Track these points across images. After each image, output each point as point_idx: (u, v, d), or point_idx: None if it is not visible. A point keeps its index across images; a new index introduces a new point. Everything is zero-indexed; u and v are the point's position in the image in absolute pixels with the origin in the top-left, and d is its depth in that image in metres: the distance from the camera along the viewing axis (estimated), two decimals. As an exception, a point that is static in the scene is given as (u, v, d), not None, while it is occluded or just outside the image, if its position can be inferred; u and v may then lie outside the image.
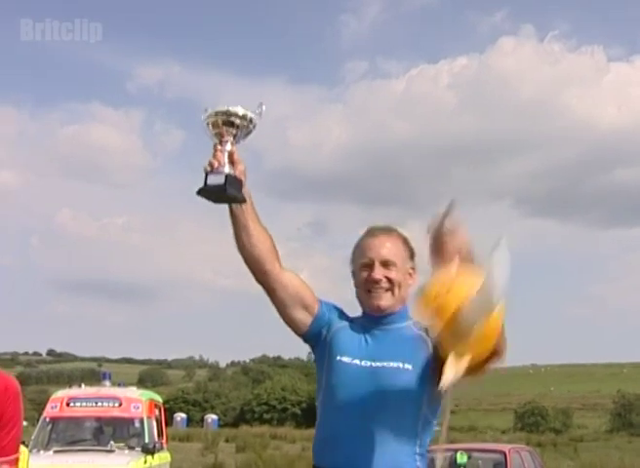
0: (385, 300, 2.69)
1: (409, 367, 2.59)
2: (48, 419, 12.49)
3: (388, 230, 2.79)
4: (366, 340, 2.70)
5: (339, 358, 2.66)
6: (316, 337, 2.74)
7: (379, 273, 2.68)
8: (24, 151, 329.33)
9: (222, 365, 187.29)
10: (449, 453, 11.31)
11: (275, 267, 2.67)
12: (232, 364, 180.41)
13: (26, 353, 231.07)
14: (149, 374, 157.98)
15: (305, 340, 2.77)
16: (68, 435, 12.60)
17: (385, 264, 2.69)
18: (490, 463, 11.23)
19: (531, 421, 77.79)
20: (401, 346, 2.65)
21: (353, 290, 2.81)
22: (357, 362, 2.63)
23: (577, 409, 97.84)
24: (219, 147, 2.57)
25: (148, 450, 11.95)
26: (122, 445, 12.12)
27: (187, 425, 63.85)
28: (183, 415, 67.86)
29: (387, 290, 2.68)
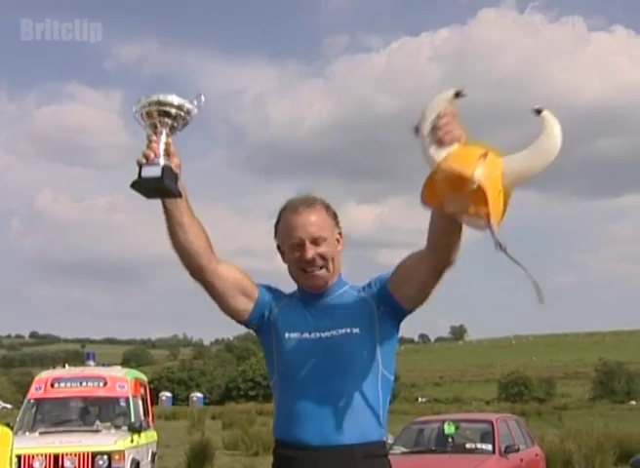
0: (321, 278, 2.64)
1: (356, 330, 2.57)
2: (32, 401, 12.41)
3: (310, 203, 2.69)
4: (310, 313, 2.66)
5: (287, 335, 2.62)
6: (259, 321, 2.69)
7: (311, 252, 2.61)
8: (2, 133, 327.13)
9: (207, 343, 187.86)
10: (436, 424, 11.33)
11: (212, 261, 2.58)
12: (216, 341, 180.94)
13: (9, 336, 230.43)
14: (134, 354, 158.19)
15: (248, 326, 2.71)
16: (54, 416, 12.53)
17: (315, 241, 2.62)
18: (477, 433, 11.26)
19: (515, 391, 78.59)
20: (345, 312, 2.62)
21: (282, 264, 2.75)
22: (306, 335, 2.60)
23: (560, 378, 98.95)
24: (153, 138, 2.42)
25: (135, 429, 11.90)
26: (108, 424, 12.08)
27: (173, 404, 64.01)
28: (169, 394, 68.07)
29: (322, 267, 2.63)
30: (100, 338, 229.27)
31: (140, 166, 2.39)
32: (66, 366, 14.14)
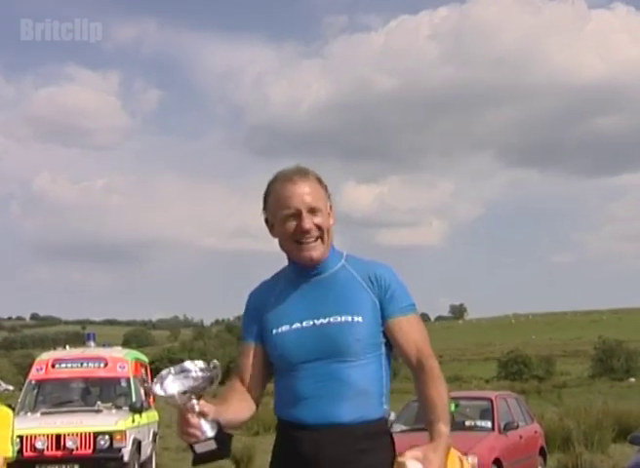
0: (318, 250, 2.57)
1: (359, 319, 2.53)
2: (34, 382, 12.47)
3: (303, 173, 2.63)
4: (303, 297, 2.61)
5: (274, 331, 2.59)
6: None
7: (308, 222, 2.55)
8: (0, 115, 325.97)
9: (207, 323, 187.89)
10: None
11: (254, 404, 2.68)
12: (217, 322, 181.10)
13: (10, 318, 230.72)
14: (134, 335, 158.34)
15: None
16: (55, 397, 12.59)
17: (312, 211, 2.56)
18: (477, 410, 11.31)
19: (514, 370, 78.74)
20: (344, 297, 2.57)
21: (272, 239, 2.69)
22: (298, 325, 2.56)
23: (559, 356, 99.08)
24: (188, 416, 2.36)
25: (136, 409, 11.96)
26: (109, 405, 12.14)
27: (174, 384, 64.25)
28: (170, 375, 68.28)
29: (317, 237, 2.57)
30: (101, 320, 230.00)
31: (192, 445, 2.38)
32: (67, 347, 14.19)
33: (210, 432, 2.38)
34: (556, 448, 14.65)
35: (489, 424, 10.82)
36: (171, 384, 2.38)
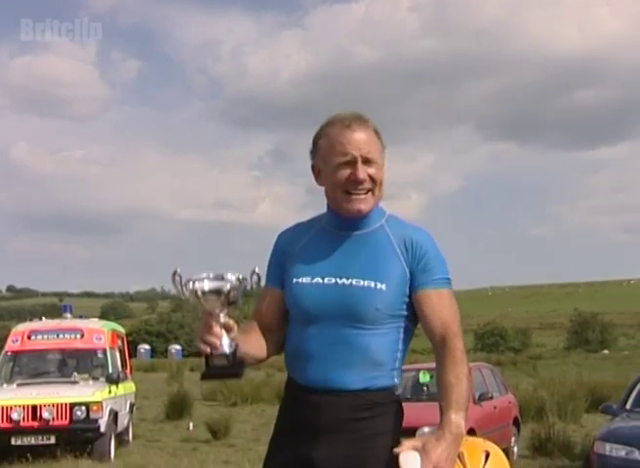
0: (367, 203, 2.43)
1: (382, 287, 2.39)
2: (9, 353, 12.43)
3: (363, 121, 2.46)
4: (332, 251, 2.49)
5: (295, 280, 2.48)
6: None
7: (363, 172, 2.39)
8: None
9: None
10: (412, 373, 11.46)
11: (269, 349, 2.56)
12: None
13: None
14: (112, 307, 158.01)
15: None
16: (31, 368, 12.57)
17: (367, 161, 2.40)
18: (452, 381, 11.40)
19: (491, 341, 79.40)
20: (374, 260, 2.43)
21: (317, 187, 2.54)
22: (319, 280, 2.44)
23: (535, 328, 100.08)
24: (212, 322, 2.29)
25: (112, 380, 11.98)
26: (86, 376, 12.14)
27: (152, 357, 64.16)
28: (147, 347, 68.17)
29: (369, 190, 2.42)
30: (79, 292, 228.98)
31: (207, 355, 2.32)
32: (43, 318, 14.15)
33: (228, 347, 2.31)
34: (530, 418, 14.84)
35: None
36: (206, 283, 2.28)
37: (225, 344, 2.31)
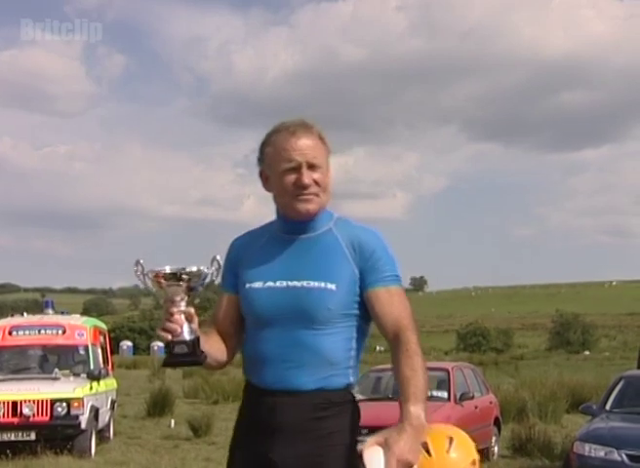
0: (314, 204, 2.49)
1: (332, 287, 2.44)
2: (-10, 349, 12.34)
3: (307, 127, 2.53)
4: (282, 255, 2.55)
5: (248, 285, 2.53)
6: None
7: (308, 177, 2.46)
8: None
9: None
10: (389, 373, 11.49)
11: (230, 354, 2.61)
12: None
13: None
14: (94, 304, 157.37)
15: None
16: (12, 364, 12.49)
17: (312, 167, 2.48)
18: (434, 381, 11.42)
19: (473, 342, 79.74)
20: (323, 262, 2.49)
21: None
22: (270, 284, 2.49)
23: (517, 329, 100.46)
24: (173, 310, 2.36)
25: (94, 377, 11.93)
26: (67, 372, 12.08)
27: (134, 353, 64.07)
28: (130, 344, 68.03)
29: (315, 194, 2.48)
30: (61, 287, 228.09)
31: (168, 343, 2.36)
32: (25, 314, 14.07)
33: (188, 335, 2.36)
34: (511, 418, 14.89)
35: (445, 394, 10.96)
36: (167, 267, 2.35)
37: (186, 331, 2.36)
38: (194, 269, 2.37)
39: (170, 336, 2.36)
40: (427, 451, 3.32)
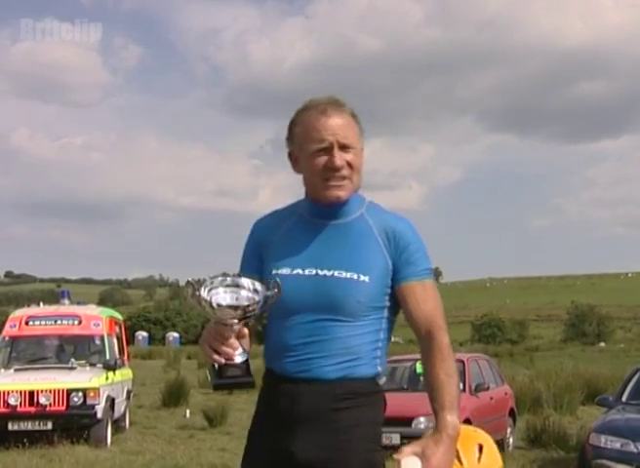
0: (345, 190, 2.36)
1: (365, 279, 2.33)
2: (7, 338, 12.43)
3: (339, 105, 2.40)
4: (312, 240, 2.42)
5: (274, 272, 2.38)
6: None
7: (340, 159, 2.32)
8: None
9: (183, 283, 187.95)
10: (409, 363, 11.49)
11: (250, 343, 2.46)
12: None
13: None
14: (110, 294, 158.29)
15: None
16: (29, 353, 12.57)
17: (344, 147, 2.34)
18: (449, 372, 11.44)
19: (488, 333, 79.63)
20: (355, 251, 2.37)
21: (294, 174, 2.47)
22: (299, 271, 2.37)
23: (532, 320, 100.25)
24: (226, 334, 2.23)
25: (110, 367, 11.99)
26: (83, 362, 12.13)
27: (149, 343, 64.27)
28: (145, 334, 68.30)
29: (346, 177, 2.35)
30: (77, 278, 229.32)
31: (220, 366, 2.27)
32: (41, 304, 14.14)
33: (241, 356, 2.27)
34: (526, 409, 14.86)
35: (460, 386, 10.95)
36: (222, 295, 2.18)
37: (240, 353, 2.27)
38: (257, 298, 2.20)
39: (223, 361, 2.26)
40: (459, 459, 3.28)
